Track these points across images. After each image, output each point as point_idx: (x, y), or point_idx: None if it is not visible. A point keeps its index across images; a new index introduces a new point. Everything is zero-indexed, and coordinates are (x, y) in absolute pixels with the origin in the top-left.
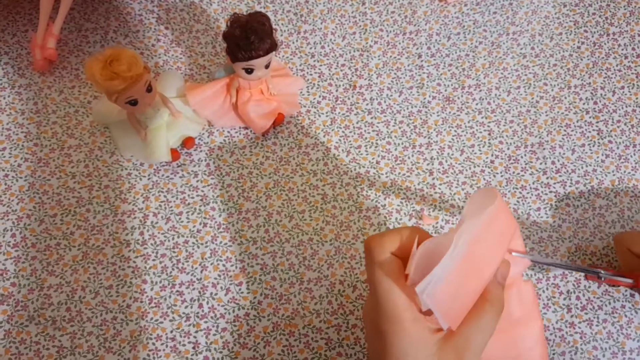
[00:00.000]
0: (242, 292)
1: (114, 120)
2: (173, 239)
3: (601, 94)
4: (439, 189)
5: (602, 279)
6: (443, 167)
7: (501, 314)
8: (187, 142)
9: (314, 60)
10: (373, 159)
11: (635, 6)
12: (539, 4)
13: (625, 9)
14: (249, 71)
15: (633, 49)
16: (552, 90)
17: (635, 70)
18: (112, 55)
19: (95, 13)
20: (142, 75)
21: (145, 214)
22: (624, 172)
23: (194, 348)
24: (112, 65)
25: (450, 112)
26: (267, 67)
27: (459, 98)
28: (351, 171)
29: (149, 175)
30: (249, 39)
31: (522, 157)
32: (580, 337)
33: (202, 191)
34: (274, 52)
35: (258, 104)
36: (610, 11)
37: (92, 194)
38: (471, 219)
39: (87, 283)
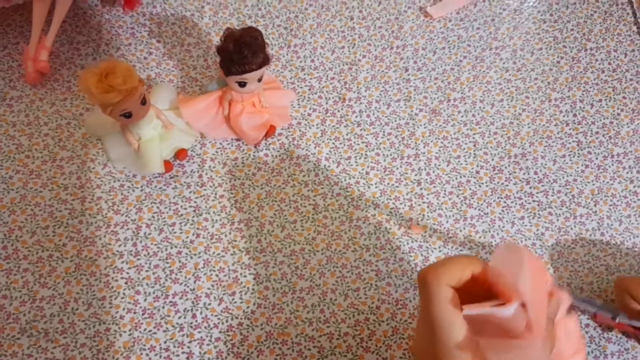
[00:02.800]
0: (235, 302)
1: (106, 132)
2: (166, 249)
3: (580, 107)
4: (427, 198)
5: (617, 320)
6: (430, 178)
7: (553, 351)
8: (180, 154)
9: (304, 74)
10: (363, 169)
11: (610, 23)
12: (520, 20)
13: (601, 26)
14: (242, 85)
15: (609, 63)
16: (534, 103)
17: (612, 84)
18: (108, 68)
19: (87, 26)
20: (137, 88)
21: (138, 225)
22: (603, 181)
23: (187, 358)
24: (107, 78)
25: (436, 124)
26: (259, 80)
27: (444, 110)
28: (341, 182)
29: (141, 186)
30: (242, 53)
31: (506, 167)
32: None
33: (195, 202)
34: (266, 66)
35: (250, 116)
36: (587, 27)
37: (84, 205)
38: (518, 278)
39: (80, 295)
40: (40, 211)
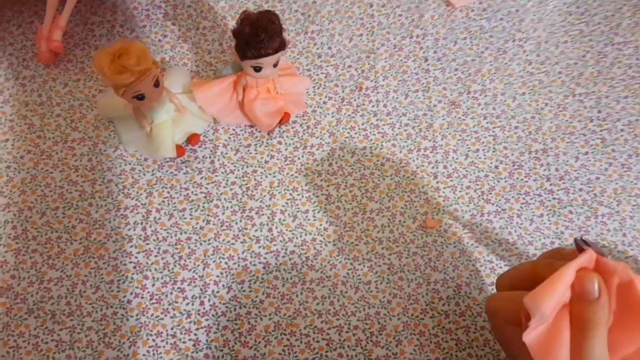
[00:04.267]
0: (244, 291)
1: (118, 115)
2: (176, 235)
3: (605, 103)
4: (443, 192)
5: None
6: (447, 171)
7: (603, 327)
8: (192, 139)
9: (321, 61)
10: (378, 160)
11: (639, 17)
12: (545, 12)
13: (630, 20)
14: (258, 69)
15: (637, 59)
16: (557, 97)
17: (639, 80)
18: (122, 49)
19: (102, 6)
20: (151, 70)
21: (148, 210)
22: (627, 180)
23: (194, 345)
24: (121, 58)
25: (455, 117)
26: (275, 65)
27: (464, 103)
28: (355, 172)
29: (152, 170)
30: (259, 37)
31: (526, 163)
32: None
33: (206, 188)
34: (282, 51)
35: (264, 103)
36: (615, 21)
37: (94, 188)
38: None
39: (88, 277)
40: (50, 192)
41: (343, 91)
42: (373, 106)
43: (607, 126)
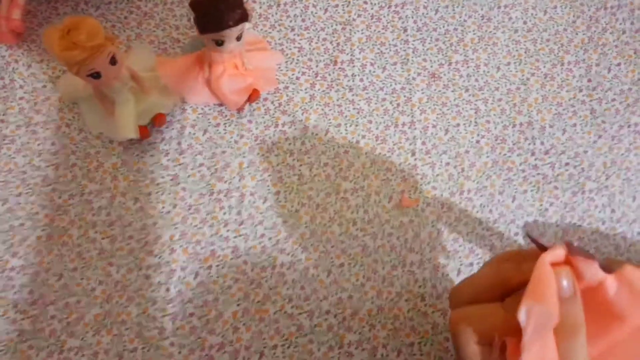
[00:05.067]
0: (211, 276)
1: (81, 96)
2: (141, 220)
3: (596, 71)
4: (421, 170)
5: None
6: (426, 147)
7: (583, 329)
8: (157, 119)
9: (294, 34)
10: (353, 138)
11: None
12: None
13: None
14: (220, 43)
15: (632, 23)
16: (544, 67)
17: (633, 46)
18: (71, 24)
19: None
20: (105, 46)
21: (113, 194)
22: (617, 153)
23: (159, 334)
24: (70, 34)
25: (435, 90)
26: (238, 39)
27: (445, 75)
28: (329, 151)
29: (118, 153)
30: (217, 8)
31: (509, 137)
32: None
33: (173, 171)
34: (245, 23)
35: (232, 79)
36: None
37: (58, 172)
38: None
39: (51, 265)
40: (13, 178)
41: (317, 66)
42: (349, 80)
43: (597, 96)
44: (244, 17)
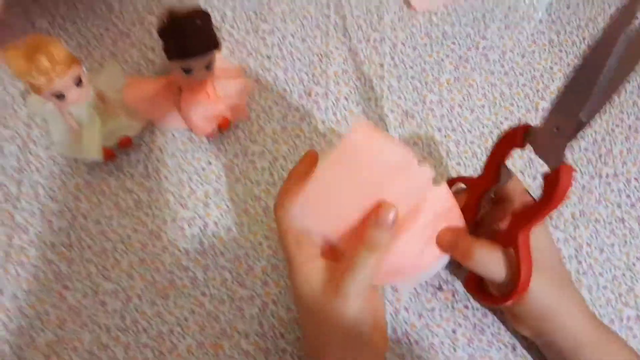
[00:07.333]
0: (168, 307)
1: (49, 113)
2: (101, 243)
3: None
4: None
5: None
6: None
7: (382, 257)
8: (123, 142)
9: (270, 63)
10: None
11: None
12: (513, 18)
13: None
14: (187, 71)
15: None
16: (518, 111)
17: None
18: (35, 47)
19: None
20: (69, 69)
21: (74, 215)
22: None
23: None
24: (34, 58)
25: (408, 128)
26: (208, 67)
27: (418, 114)
28: None
29: (82, 174)
30: (184, 35)
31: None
32: None
33: (137, 195)
34: (213, 53)
35: (202, 106)
36: (588, 30)
37: (20, 189)
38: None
39: (5, 286)
40: None
41: (291, 96)
42: (322, 114)
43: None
44: (214, 45)
